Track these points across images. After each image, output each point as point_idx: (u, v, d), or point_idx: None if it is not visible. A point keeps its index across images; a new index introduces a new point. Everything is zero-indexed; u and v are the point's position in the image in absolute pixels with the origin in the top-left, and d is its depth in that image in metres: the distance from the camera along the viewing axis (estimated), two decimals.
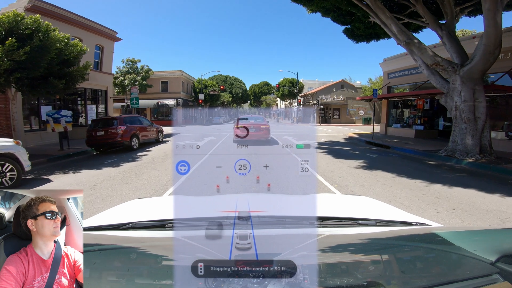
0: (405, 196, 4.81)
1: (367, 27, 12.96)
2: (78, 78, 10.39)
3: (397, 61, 17.47)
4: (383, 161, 8.30)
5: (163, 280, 0.67)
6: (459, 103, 8.99)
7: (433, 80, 10.14)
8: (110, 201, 4.49)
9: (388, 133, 18.17)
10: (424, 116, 16.17)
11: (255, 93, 62.18)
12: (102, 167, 7.41)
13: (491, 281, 0.61)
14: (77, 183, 5.82)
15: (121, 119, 10.63)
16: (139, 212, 1.47)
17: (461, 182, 5.74)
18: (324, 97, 38.09)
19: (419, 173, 6.60)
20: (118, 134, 10.21)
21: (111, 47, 19.14)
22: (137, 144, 11.14)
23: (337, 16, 13.37)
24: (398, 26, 10.09)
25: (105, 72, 18.37)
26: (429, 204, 4.36)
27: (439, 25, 10.29)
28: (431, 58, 9.51)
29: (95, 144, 10.49)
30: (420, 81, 15.72)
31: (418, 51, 9.82)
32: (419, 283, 0.67)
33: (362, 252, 0.93)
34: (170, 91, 37.29)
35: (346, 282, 0.65)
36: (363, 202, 1.76)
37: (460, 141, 8.99)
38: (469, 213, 4.01)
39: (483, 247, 0.83)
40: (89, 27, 16.76)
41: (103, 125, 10.51)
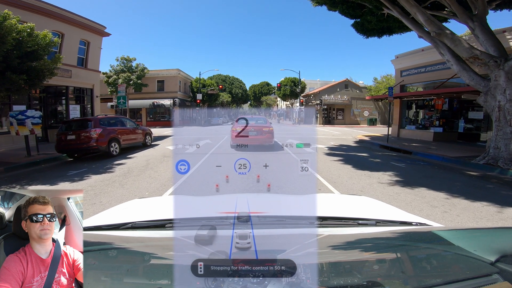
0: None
1: (379, 20, 11.47)
2: (46, 73, 8.80)
3: (412, 58, 15.88)
4: (417, 173, 6.71)
5: (163, 280, 0.68)
6: (503, 102, 7.43)
7: (466, 77, 8.60)
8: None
9: (401, 135, 16.58)
10: (441, 117, 14.60)
11: (255, 93, 60.84)
12: (57, 182, 5.84)
13: (491, 281, 0.60)
14: None
15: (96, 121, 9.00)
16: (139, 212, 1.47)
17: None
18: (327, 97, 36.44)
19: (474, 191, 5.10)
20: (92, 138, 8.59)
21: (98, 42, 17.57)
22: (117, 150, 9.53)
23: (346, 8, 11.85)
24: (425, 15, 8.62)
25: (91, 69, 16.78)
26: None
27: (469, 17, 8.77)
28: (468, 51, 7.98)
29: (66, 150, 8.88)
30: (440, 79, 14.12)
31: (451, 43, 8.32)
32: (419, 283, 0.66)
33: (362, 252, 0.92)
34: (167, 91, 35.79)
35: (346, 282, 0.64)
36: (363, 202, 1.74)
37: (504, 147, 7.42)
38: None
39: (483, 247, 0.83)
40: (72, 21, 15.21)
41: (75, 127, 8.90)
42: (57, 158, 9.21)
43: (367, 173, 6.47)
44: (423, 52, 15.11)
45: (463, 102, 14.12)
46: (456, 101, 14.34)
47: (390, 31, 12.53)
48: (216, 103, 43.83)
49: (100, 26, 17.52)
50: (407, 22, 9.35)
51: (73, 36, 15.37)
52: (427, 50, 14.83)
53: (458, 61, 8.62)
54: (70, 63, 15.15)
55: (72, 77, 15.17)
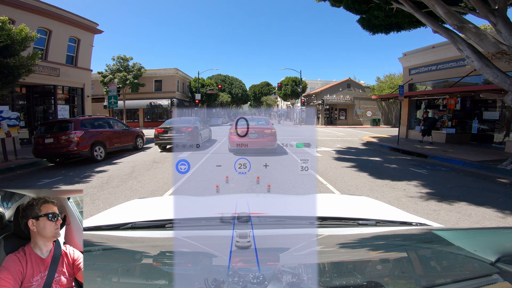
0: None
1: (388, 16, 10.65)
2: (21, 71, 7.90)
3: (422, 55, 14.98)
4: (445, 182, 5.79)
5: (163, 280, 0.68)
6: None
7: (489, 74, 7.74)
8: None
9: (409, 136, 15.68)
10: (453, 118, 13.70)
11: (255, 93, 59.98)
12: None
13: (491, 281, 0.60)
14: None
15: (77, 122, 8.07)
16: (139, 212, 1.46)
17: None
18: (329, 96, 35.48)
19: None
20: (73, 142, 7.67)
21: (89, 40, 16.68)
22: (102, 154, 8.61)
23: (351, 3, 11.03)
24: (445, 8, 7.78)
25: (82, 68, 15.89)
26: None
27: (490, 11, 7.92)
28: (495, 46, 7.18)
29: (44, 155, 7.97)
30: (452, 77, 13.23)
31: (475, 38, 7.50)
32: (419, 283, 0.66)
33: (362, 252, 0.91)
34: (165, 91, 34.95)
35: (346, 282, 0.64)
36: (363, 202, 1.73)
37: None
38: None
39: (483, 247, 0.83)
40: (60, 17, 14.34)
41: (54, 130, 7.98)
42: (36, 164, 8.31)
43: (389, 183, 5.54)
44: (434, 49, 14.22)
45: (476, 102, 13.24)
46: (470, 101, 13.43)
47: (398, 27, 11.75)
48: (215, 104, 42.94)
49: (91, 23, 16.64)
50: (421, 17, 8.60)
51: (61, 33, 14.48)
52: (438, 47, 13.98)
53: (480, 57, 7.79)
54: (58, 61, 14.28)
55: (61, 75, 14.28)
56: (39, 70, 12.30)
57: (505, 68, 8.11)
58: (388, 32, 12.07)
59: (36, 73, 11.11)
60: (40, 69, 12.51)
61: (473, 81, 12.57)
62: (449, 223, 3.51)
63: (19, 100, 13.03)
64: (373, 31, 12.00)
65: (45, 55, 13.52)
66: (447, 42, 10.91)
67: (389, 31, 11.98)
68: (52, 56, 13.92)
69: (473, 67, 9.66)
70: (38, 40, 11.11)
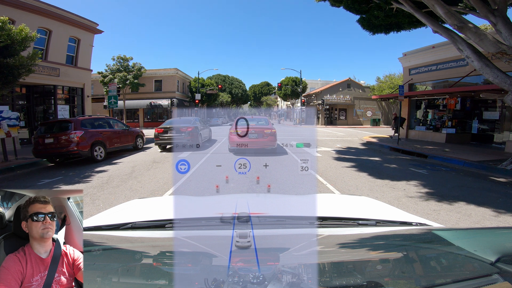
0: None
1: (387, 16, 10.68)
2: (21, 71, 7.90)
3: (422, 55, 14.98)
4: (445, 182, 5.80)
5: (163, 280, 0.68)
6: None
7: (489, 74, 7.75)
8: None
9: (410, 136, 15.68)
10: (453, 118, 13.71)
11: (255, 93, 59.98)
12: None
13: (491, 281, 0.60)
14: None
15: (77, 122, 8.07)
16: (139, 212, 1.46)
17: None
18: (329, 96, 35.47)
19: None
20: (72, 142, 7.67)
21: (89, 40, 16.68)
22: (102, 154, 8.61)
23: (351, 3, 11.05)
24: (445, 8, 7.80)
25: (82, 68, 15.89)
26: None
27: (490, 11, 7.94)
28: (495, 45, 7.19)
29: (44, 155, 7.97)
30: (452, 77, 13.23)
31: (475, 38, 7.51)
32: (419, 283, 0.66)
33: (362, 252, 0.91)
34: (165, 91, 34.95)
35: (346, 282, 0.64)
36: (363, 202, 1.73)
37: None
38: None
39: (483, 247, 0.82)
40: (60, 17, 14.34)
41: (54, 130, 7.98)
42: (36, 164, 8.32)
43: (389, 183, 5.54)
44: (434, 49, 14.22)
45: (476, 102, 13.25)
46: (470, 101, 13.44)
47: (398, 27, 11.78)
48: (215, 104, 42.92)
49: (91, 23, 16.65)
50: (421, 17, 8.63)
51: (61, 33, 14.49)
52: (438, 47, 13.99)
53: (479, 57, 7.81)
54: (58, 61, 14.29)
55: (61, 75, 14.28)
56: (39, 70, 12.31)
57: (505, 68, 8.12)
58: (388, 32, 12.08)
59: (36, 73, 11.13)
60: (40, 69, 12.52)
61: (473, 81, 12.57)
62: (449, 223, 3.52)
63: (19, 100, 13.03)
64: (373, 31, 12.02)
65: (45, 55, 13.53)
66: (447, 42, 10.92)
67: (389, 31, 11.99)
68: (52, 56, 13.93)
69: (473, 67, 9.67)
70: (38, 40, 11.13)
